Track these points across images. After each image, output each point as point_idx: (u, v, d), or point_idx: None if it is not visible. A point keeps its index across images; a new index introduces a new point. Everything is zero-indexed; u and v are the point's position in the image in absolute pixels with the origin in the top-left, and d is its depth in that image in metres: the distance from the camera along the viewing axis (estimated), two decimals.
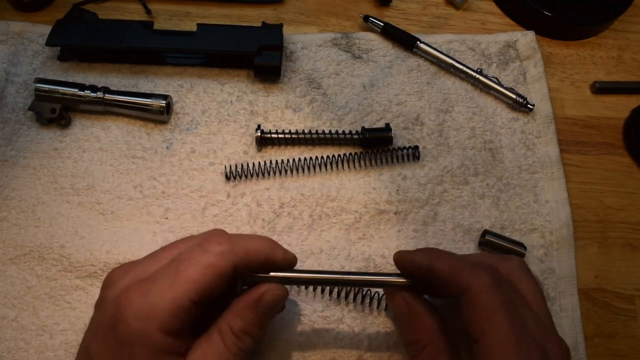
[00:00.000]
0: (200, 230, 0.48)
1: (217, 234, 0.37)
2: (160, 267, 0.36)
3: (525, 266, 0.40)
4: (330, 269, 0.48)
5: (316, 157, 0.52)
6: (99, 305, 0.37)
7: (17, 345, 0.44)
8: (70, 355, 0.44)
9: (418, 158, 0.53)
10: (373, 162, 0.53)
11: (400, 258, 0.40)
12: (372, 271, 0.48)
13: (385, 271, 0.48)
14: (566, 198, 0.53)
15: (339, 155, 0.52)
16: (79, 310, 0.46)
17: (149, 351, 0.33)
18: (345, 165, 0.53)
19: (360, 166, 0.53)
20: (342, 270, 0.48)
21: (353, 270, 0.48)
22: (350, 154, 0.53)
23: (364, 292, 0.46)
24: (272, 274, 0.38)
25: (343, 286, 0.44)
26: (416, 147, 0.53)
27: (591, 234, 0.53)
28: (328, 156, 0.52)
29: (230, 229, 0.49)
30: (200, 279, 0.34)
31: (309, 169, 0.52)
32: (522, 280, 0.38)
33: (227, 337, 0.36)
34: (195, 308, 0.34)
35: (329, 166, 0.53)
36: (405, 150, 0.53)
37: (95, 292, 0.43)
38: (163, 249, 0.39)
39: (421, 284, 0.39)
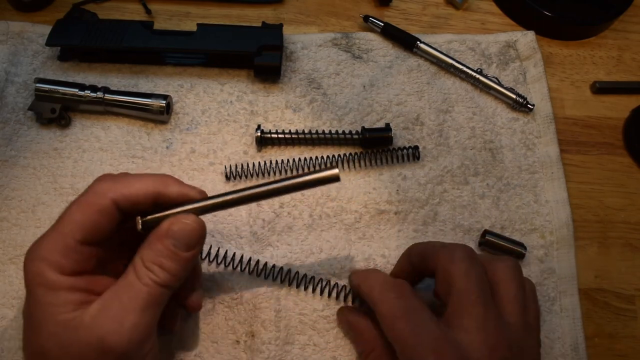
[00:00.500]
0: None
1: (103, 176, 0.38)
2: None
3: (514, 268, 0.41)
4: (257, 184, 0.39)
5: (316, 157, 0.52)
6: None
7: (17, 345, 0.44)
8: None
9: (418, 158, 0.53)
10: (373, 162, 0.53)
11: (392, 272, 0.47)
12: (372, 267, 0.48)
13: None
14: (566, 198, 0.53)
15: (339, 155, 0.52)
16: None
17: (46, 289, 0.34)
18: (345, 165, 0.53)
19: (360, 166, 0.53)
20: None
21: (354, 269, 0.48)
22: (350, 154, 0.53)
23: (339, 288, 0.46)
24: (178, 209, 0.37)
25: (264, 198, 0.38)
26: (416, 147, 0.53)
27: (591, 234, 0.53)
28: (328, 156, 0.52)
29: (230, 229, 0.49)
30: (80, 218, 0.35)
31: (309, 169, 0.52)
32: (502, 282, 0.39)
33: (139, 269, 0.36)
34: (85, 247, 0.35)
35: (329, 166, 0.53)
36: (405, 150, 0.53)
37: None
38: None
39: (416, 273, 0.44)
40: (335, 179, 0.36)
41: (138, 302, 0.35)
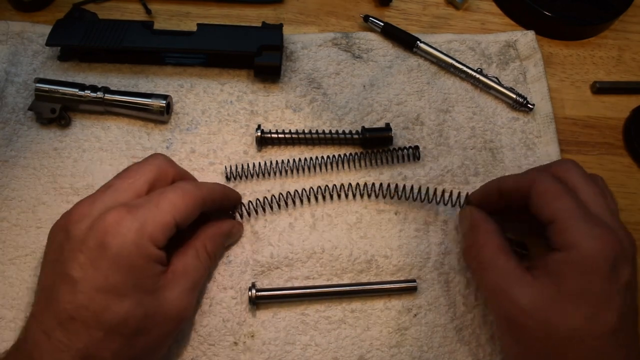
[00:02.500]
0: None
1: (186, 173, 0.48)
2: (138, 196, 0.41)
3: (579, 167, 0.43)
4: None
5: (316, 157, 0.52)
6: (66, 239, 0.38)
7: None
8: None
9: (418, 158, 0.53)
10: (373, 162, 0.53)
11: (475, 197, 0.48)
12: (373, 274, 0.48)
13: (388, 271, 0.48)
14: None
15: (339, 156, 0.52)
16: None
17: (145, 260, 0.38)
18: (346, 165, 0.53)
19: (360, 166, 0.53)
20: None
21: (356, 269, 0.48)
22: (351, 154, 0.53)
23: (444, 195, 0.49)
24: (280, 292, 0.47)
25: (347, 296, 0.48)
26: (416, 147, 0.53)
27: None
28: (328, 156, 0.52)
29: None
30: (180, 203, 0.41)
31: (309, 169, 0.52)
32: (580, 181, 0.42)
33: (202, 254, 0.44)
34: (175, 229, 0.40)
35: (329, 166, 0.52)
36: (405, 150, 0.53)
37: None
38: (115, 180, 0.42)
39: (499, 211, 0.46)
40: (413, 288, 0.48)
41: (201, 283, 0.44)
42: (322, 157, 0.52)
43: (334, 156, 0.52)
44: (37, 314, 0.38)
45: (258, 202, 0.49)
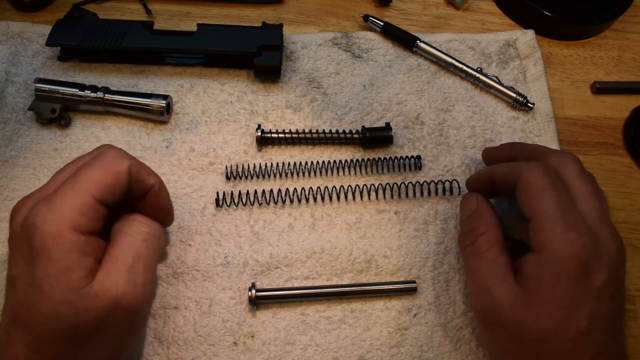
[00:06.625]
0: (200, 230, 0.48)
1: (110, 146, 0.41)
2: (61, 183, 0.38)
3: (578, 162, 0.43)
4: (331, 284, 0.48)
5: (317, 162, 0.52)
6: (10, 237, 0.38)
7: None
8: None
9: (420, 168, 0.53)
10: (374, 170, 0.53)
11: (469, 182, 0.50)
12: (373, 274, 0.48)
13: (387, 271, 0.48)
14: None
15: (340, 162, 0.52)
16: None
17: (65, 250, 0.35)
18: (346, 169, 0.53)
19: (361, 173, 0.53)
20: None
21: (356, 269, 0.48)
22: (352, 160, 0.53)
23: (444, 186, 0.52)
24: (280, 292, 0.46)
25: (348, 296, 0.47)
26: (418, 157, 0.53)
27: None
28: (329, 161, 0.52)
29: (230, 229, 0.49)
30: (99, 178, 0.37)
31: (309, 172, 0.52)
32: (575, 179, 0.41)
33: (136, 225, 0.39)
34: (100, 207, 0.37)
35: (329, 171, 0.52)
36: (407, 160, 0.53)
37: None
38: (58, 172, 0.40)
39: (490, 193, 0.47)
40: (413, 289, 0.47)
41: (143, 257, 0.38)
42: (323, 162, 0.52)
43: (334, 162, 0.52)
44: (2, 311, 0.38)
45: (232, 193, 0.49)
